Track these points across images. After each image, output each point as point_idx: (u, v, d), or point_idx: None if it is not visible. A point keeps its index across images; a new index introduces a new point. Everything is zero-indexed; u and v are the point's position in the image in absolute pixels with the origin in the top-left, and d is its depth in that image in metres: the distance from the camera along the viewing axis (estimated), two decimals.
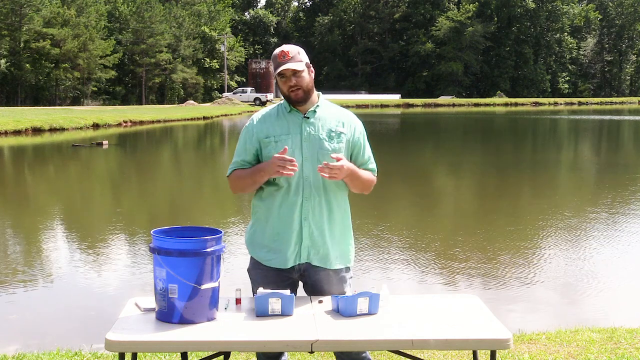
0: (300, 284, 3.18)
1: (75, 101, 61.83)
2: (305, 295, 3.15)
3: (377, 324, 2.79)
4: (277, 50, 3.03)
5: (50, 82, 61.42)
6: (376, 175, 3.21)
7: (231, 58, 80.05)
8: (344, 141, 3.06)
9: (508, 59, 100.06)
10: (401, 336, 2.69)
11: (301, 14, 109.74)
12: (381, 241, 8.75)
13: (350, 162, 3.09)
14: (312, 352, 2.66)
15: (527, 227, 9.84)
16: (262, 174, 2.99)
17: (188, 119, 43.89)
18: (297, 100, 3.02)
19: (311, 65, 3.09)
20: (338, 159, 2.93)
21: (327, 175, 2.90)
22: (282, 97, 3.10)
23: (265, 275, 3.08)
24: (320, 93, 3.13)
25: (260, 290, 2.90)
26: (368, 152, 3.17)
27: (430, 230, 9.85)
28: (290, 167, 2.88)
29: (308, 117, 3.05)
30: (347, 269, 3.17)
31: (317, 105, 3.08)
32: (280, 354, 3.11)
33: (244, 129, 3.14)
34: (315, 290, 3.10)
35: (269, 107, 3.17)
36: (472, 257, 7.94)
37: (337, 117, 3.10)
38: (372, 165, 3.18)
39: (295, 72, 2.99)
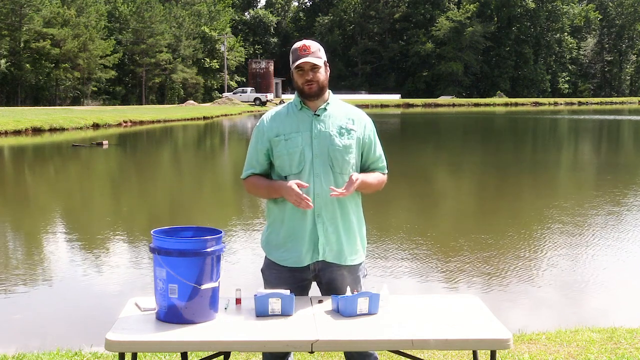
0: (314, 285, 3.18)
1: (75, 101, 61.83)
2: (306, 295, 3.15)
3: (377, 324, 2.79)
4: (298, 43, 3.04)
5: (50, 82, 61.43)
6: (386, 172, 3.23)
7: (231, 58, 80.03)
8: (354, 138, 3.07)
9: (508, 59, 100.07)
10: (401, 336, 2.69)
11: (301, 14, 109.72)
12: (381, 241, 8.75)
13: (362, 160, 3.12)
14: (312, 352, 2.67)
15: (527, 227, 9.84)
16: (278, 195, 3.03)
17: (188, 119, 43.90)
18: (310, 94, 3.03)
19: (328, 64, 3.11)
20: (351, 178, 2.96)
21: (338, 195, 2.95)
22: (295, 92, 3.11)
23: (279, 275, 3.09)
24: (330, 91, 3.14)
25: (260, 290, 2.90)
26: (379, 150, 3.19)
27: (430, 230, 9.85)
28: (305, 206, 2.92)
29: (318, 115, 3.06)
30: (361, 265, 3.19)
31: (328, 103, 3.09)
32: (287, 353, 3.11)
33: (255, 129, 3.16)
34: (329, 289, 3.11)
35: (279, 106, 3.19)
36: (472, 257, 7.94)
37: (347, 114, 3.12)
38: (383, 163, 3.21)
39: (314, 67, 3.01)
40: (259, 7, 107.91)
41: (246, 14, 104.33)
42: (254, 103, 64.38)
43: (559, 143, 29.84)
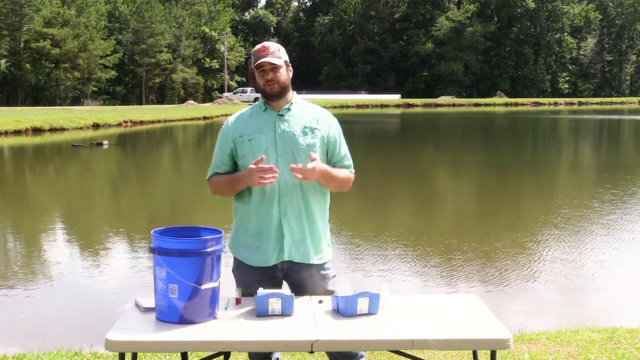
0: (285, 284, 3.18)
1: (75, 101, 61.85)
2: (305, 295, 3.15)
3: (377, 324, 2.79)
4: (258, 46, 3.08)
5: (50, 82, 61.44)
6: (354, 171, 3.22)
7: (231, 58, 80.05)
8: (318, 137, 3.07)
9: (508, 59, 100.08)
10: (401, 336, 2.68)
11: (301, 14, 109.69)
12: (381, 241, 8.75)
13: (327, 159, 3.11)
14: (312, 352, 2.66)
15: (527, 228, 9.84)
16: (241, 184, 3.03)
17: (188, 119, 43.89)
18: (272, 94, 3.05)
19: (290, 64, 3.13)
20: (313, 159, 2.94)
21: (300, 177, 2.92)
22: (260, 94, 3.14)
23: (248, 275, 3.11)
24: (294, 92, 3.15)
25: (261, 290, 2.90)
26: (344, 148, 3.18)
27: (430, 230, 9.85)
28: (270, 176, 2.89)
29: (282, 115, 3.08)
30: (327, 264, 3.17)
31: (291, 103, 3.11)
32: (272, 352, 3.11)
33: (220, 131, 3.19)
34: (299, 289, 3.10)
35: (244, 108, 3.22)
36: (473, 257, 7.94)
37: (311, 113, 3.13)
38: (349, 162, 3.20)
39: (274, 67, 3.03)
40: (259, 7, 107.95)
41: (246, 14, 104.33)
42: (254, 103, 64.32)
43: (559, 143, 29.84)
